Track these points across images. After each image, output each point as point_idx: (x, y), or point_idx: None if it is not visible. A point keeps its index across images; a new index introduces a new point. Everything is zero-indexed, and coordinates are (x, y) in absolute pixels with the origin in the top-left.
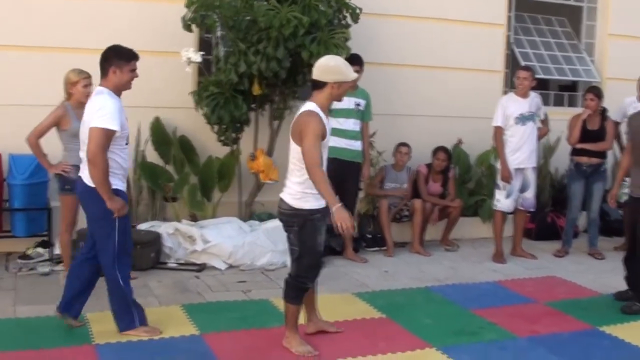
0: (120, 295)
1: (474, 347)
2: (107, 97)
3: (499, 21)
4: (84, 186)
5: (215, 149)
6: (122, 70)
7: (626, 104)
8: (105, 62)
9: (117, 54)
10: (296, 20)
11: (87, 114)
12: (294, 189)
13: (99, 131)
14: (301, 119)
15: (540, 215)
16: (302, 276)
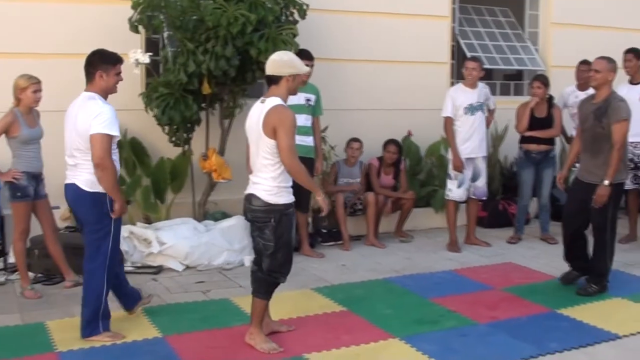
0: (95, 305)
1: (436, 335)
2: (101, 103)
3: (443, 13)
4: (77, 191)
5: (167, 149)
6: (109, 74)
7: (566, 93)
8: (90, 67)
9: (102, 58)
10: (244, 18)
11: (81, 120)
12: (268, 185)
13: (102, 137)
14: (275, 113)
15: (492, 204)
16: (276, 271)
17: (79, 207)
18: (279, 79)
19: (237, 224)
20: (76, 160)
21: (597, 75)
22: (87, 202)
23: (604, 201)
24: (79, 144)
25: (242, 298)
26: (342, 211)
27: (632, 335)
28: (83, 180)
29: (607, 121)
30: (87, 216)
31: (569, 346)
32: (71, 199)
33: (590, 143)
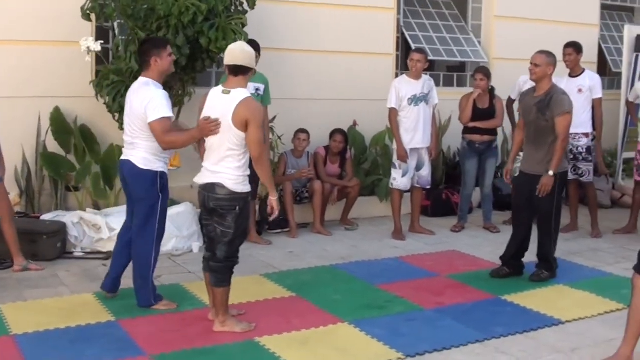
0: (145, 276)
1: (384, 320)
2: (154, 89)
3: (388, 5)
4: (132, 167)
5: (117, 137)
6: (162, 57)
7: (521, 82)
8: (144, 55)
9: (153, 44)
10: (194, 7)
11: (136, 104)
12: (233, 174)
13: (159, 122)
14: (246, 106)
15: (436, 193)
16: (234, 257)
17: (132, 182)
18: (247, 71)
19: (185, 211)
20: (132, 140)
21: (536, 69)
22: (140, 178)
23: (549, 190)
24: (135, 125)
25: (192, 283)
26: (291, 199)
27: (574, 321)
28: (139, 158)
29: (550, 114)
30: (138, 192)
31: (513, 331)
32: (126, 174)
33: (534, 136)
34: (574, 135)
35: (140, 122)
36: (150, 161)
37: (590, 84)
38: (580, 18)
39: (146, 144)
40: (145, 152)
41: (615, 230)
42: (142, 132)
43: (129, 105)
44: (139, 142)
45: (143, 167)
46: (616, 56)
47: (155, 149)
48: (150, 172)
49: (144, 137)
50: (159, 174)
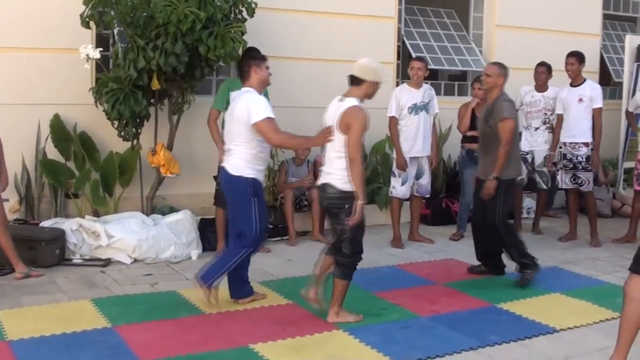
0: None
1: (379, 327)
2: (255, 94)
3: (389, 14)
4: (225, 174)
5: (116, 144)
6: (261, 68)
7: (523, 92)
8: (244, 65)
9: (253, 55)
10: (193, 15)
11: (238, 110)
12: (341, 174)
13: (265, 123)
14: (351, 112)
15: (435, 201)
16: (358, 252)
17: (225, 189)
18: (361, 82)
19: (184, 218)
20: (229, 146)
21: (487, 79)
22: (231, 185)
23: (490, 194)
24: (233, 131)
25: (189, 290)
26: (291, 207)
27: (569, 329)
28: (232, 164)
29: (492, 121)
30: (230, 197)
31: (507, 339)
32: (222, 180)
33: (483, 142)
34: (574, 145)
35: (240, 127)
36: (242, 167)
37: (591, 94)
38: (582, 28)
39: (240, 150)
40: (238, 158)
41: (614, 240)
42: (239, 137)
43: (230, 113)
44: (234, 148)
45: (234, 174)
46: (618, 66)
47: (250, 155)
48: (241, 178)
49: (238, 142)
50: (249, 180)
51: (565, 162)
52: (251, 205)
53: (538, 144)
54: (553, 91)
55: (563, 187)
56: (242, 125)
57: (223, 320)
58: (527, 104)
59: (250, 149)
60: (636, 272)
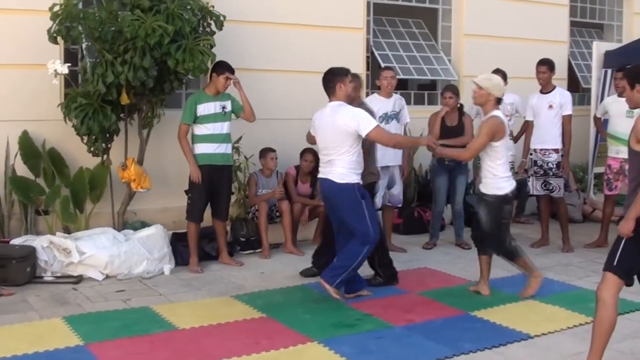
0: (340, 271)
1: (353, 338)
2: (351, 107)
3: (358, 25)
4: (331, 184)
5: (86, 159)
6: (345, 83)
7: None
8: (329, 82)
9: (337, 72)
10: (161, 29)
11: (340, 122)
12: (495, 179)
13: (377, 130)
14: (483, 122)
15: (407, 211)
16: (504, 248)
17: (334, 197)
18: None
19: (156, 233)
20: (330, 157)
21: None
22: (340, 192)
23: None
24: (335, 142)
25: (162, 305)
26: (265, 219)
27: (543, 335)
28: (337, 174)
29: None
30: (342, 204)
31: (482, 346)
32: (326, 191)
33: None
34: (544, 151)
35: (342, 138)
36: (347, 175)
37: (561, 101)
38: (549, 35)
39: (342, 159)
40: (342, 167)
41: (586, 245)
42: (341, 147)
43: (327, 125)
44: (335, 158)
45: (341, 182)
46: (586, 72)
47: (352, 162)
48: (349, 184)
49: (341, 152)
50: (356, 185)
51: (536, 168)
52: (362, 207)
53: None
54: (510, 97)
55: (534, 193)
56: (346, 136)
57: (196, 335)
58: None
59: (352, 156)
60: (610, 271)
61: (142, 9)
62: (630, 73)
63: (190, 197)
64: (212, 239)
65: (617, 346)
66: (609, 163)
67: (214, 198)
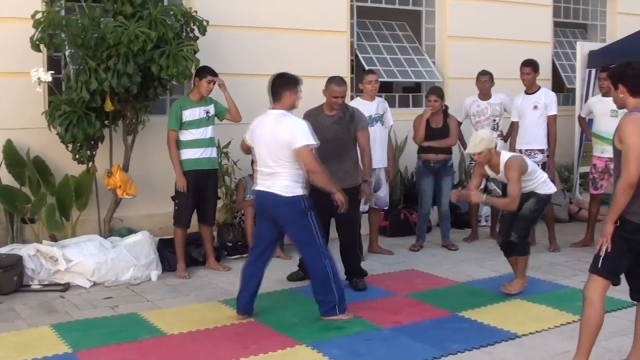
0: (325, 290)
1: (341, 340)
2: (296, 118)
3: (341, 28)
4: (276, 197)
5: (71, 167)
6: (293, 92)
7: (467, 104)
8: (277, 87)
9: (286, 79)
10: (144, 35)
11: (282, 134)
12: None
13: (307, 148)
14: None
15: (394, 213)
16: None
17: (280, 211)
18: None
19: (142, 240)
20: (273, 170)
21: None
22: (287, 206)
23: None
24: (278, 154)
25: (150, 312)
26: (251, 224)
27: (530, 334)
28: (282, 187)
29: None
30: (289, 217)
31: (470, 347)
32: (270, 205)
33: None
34: (530, 152)
35: (285, 150)
36: (293, 187)
37: (546, 101)
38: (533, 36)
39: (288, 172)
40: (288, 179)
41: (572, 244)
42: (286, 160)
43: (269, 136)
44: (280, 170)
45: (288, 195)
46: (570, 72)
47: (298, 175)
48: (296, 197)
49: (286, 164)
50: (303, 197)
51: None
52: (309, 216)
53: None
54: (498, 97)
55: None
56: (286, 148)
57: (185, 341)
58: (474, 114)
59: (296, 169)
60: (595, 272)
61: (125, 15)
62: (612, 74)
63: (177, 202)
64: (199, 245)
65: (604, 344)
66: (594, 162)
67: (201, 203)
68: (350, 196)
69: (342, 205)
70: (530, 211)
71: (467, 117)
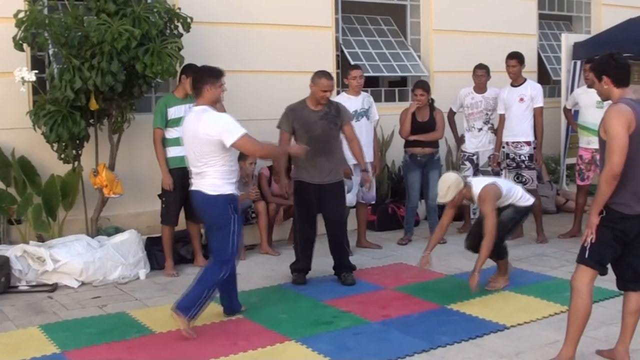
0: (198, 295)
1: (331, 335)
2: (216, 113)
3: (326, 24)
4: (202, 196)
5: (57, 167)
6: (215, 86)
7: (462, 95)
8: (198, 82)
9: (208, 73)
10: (128, 33)
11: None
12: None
13: (243, 138)
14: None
15: (381, 207)
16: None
17: (205, 210)
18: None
19: (130, 238)
20: (200, 169)
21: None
22: (211, 205)
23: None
24: (202, 152)
25: (138, 310)
26: None
27: (519, 325)
28: (208, 185)
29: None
30: (212, 217)
31: (459, 339)
32: (198, 204)
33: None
34: (516, 144)
35: (209, 147)
36: (220, 186)
37: (532, 93)
38: (518, 28)
39: (214, 170)
40: (214, 177)
41: (560, 235)
42: (211, 157)
43: (191, 133)
44: (206, 169)
45: (213, 194)
46: (555, 64)
47: (224, 172)
48: (221, 196)
49: (212, 163)
50: (229, 197)
51: (509, 161)
52: (231, 222)
53: (483, 145)
54: (492, 91)
55: None
56: (211, 146)
57: (173, 339)
58: (467, 106)
59: (224, 166)
60: (582, 263)
61: (108, 13)
62: (595, 66)
63: (164, 200)
64: (187, 242)
65: (592, 333)
66: (581, 154)
67: (188, 201)
68: (337, 191)
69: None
70: (508, 218)
71: (461, 107)
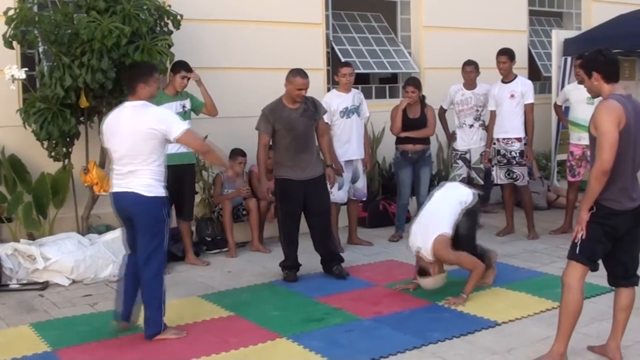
0: (157, 306)
1: (322, 332)
2: (156, 107)
3: (316, 21)
4: (136, 197)
5: (47, 165)
6: (148, 83)
7: (452, 92)
8: (130, 80)
9: (139, 70)
10: (118, 30)
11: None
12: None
13: (187, 133)
14: None
15: (372, 204)
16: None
17: (139, 212)
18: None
19: (121, 236)
20: (133, 167)
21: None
22: (147, 207)
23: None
24: (137, 150)
25: None
26: (229, 219)
27: (510, 322)
28: (143, 185)
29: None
30: (147, 220)
31: (450, 335)
32: (129, 206)
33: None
34: (507, 140)
35: (148, 143)
36: (155, 187)
37: (523, 90)
38: (509, 25)
39: (149, 169)
40: (149, 177)
41: (551, 231)
42: (149, 154)
43: (126, 129)
44: (141, 167)
45: (149, 195)
46: (546, 61)
47: (159, 173)
48: (157, 198)
49: (149, 160)
50: (164, 200)
51: (499, 157)
52: (164, 225)
53: (474, 142)
54: (482, 88)
55: (498, 182)
56: (152, 141)
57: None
58: (457, 102)
59: (159, 166)
60: (573, 259)
61: (98, 10)
62: (585, 63)
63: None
64: (178, 240)
65: (583, 330)
66: (571, 150)
67: (178, 199)
68: (320, 184)
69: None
70: (467, 229)
71: (451, 104)
